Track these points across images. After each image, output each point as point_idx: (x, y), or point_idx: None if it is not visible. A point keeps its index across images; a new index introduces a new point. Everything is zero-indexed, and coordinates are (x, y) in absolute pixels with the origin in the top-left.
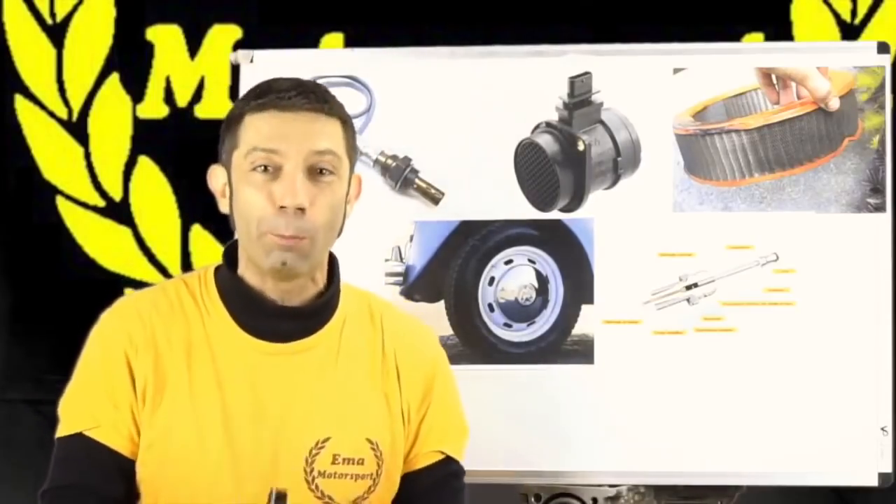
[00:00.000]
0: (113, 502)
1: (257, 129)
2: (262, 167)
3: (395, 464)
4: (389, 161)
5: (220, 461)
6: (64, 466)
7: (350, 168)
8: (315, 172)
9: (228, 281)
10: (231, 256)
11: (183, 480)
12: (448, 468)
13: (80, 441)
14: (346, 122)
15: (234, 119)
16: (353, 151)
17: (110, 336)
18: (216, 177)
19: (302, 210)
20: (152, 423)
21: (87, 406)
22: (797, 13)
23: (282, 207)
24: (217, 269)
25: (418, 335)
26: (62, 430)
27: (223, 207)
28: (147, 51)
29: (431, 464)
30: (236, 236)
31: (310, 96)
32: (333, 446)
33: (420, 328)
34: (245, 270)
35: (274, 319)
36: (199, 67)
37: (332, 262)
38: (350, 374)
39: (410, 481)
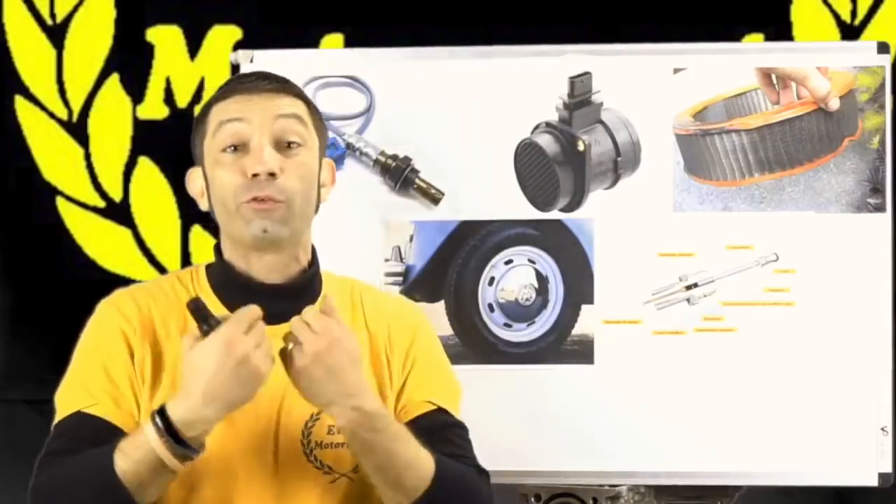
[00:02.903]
0: None
1: (223, 110)
2: (232, 147)
3: None
4: (389, 161)
5: (224, 441)
6: (59, 440)
7: (320, 148)
8: (283, 146)
9: (218, 271)
10: (220, 252)
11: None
12: (443, 418)
13: (77, 418)
14: (309, 103)
15: (202, 115)
16: (320, 130)
17: (107, 319)
18: (193, 180)
19: (273, 175)
20: (152, 402)
21: (84, 386)
22: (797, 13)
23: (254, 176)
24: (208, 266)
25: (397, 305)
26: (58, 417)
27: (203, 206)
28: (147, 51)
29: (424, 413)
30: (218, 218)
31: (270, 79)
32: (328, 417)
33: (399, 299)
34: (231, 255)
35: (262, 299)
36: (199, 68)
37: (312, 250)
38: None
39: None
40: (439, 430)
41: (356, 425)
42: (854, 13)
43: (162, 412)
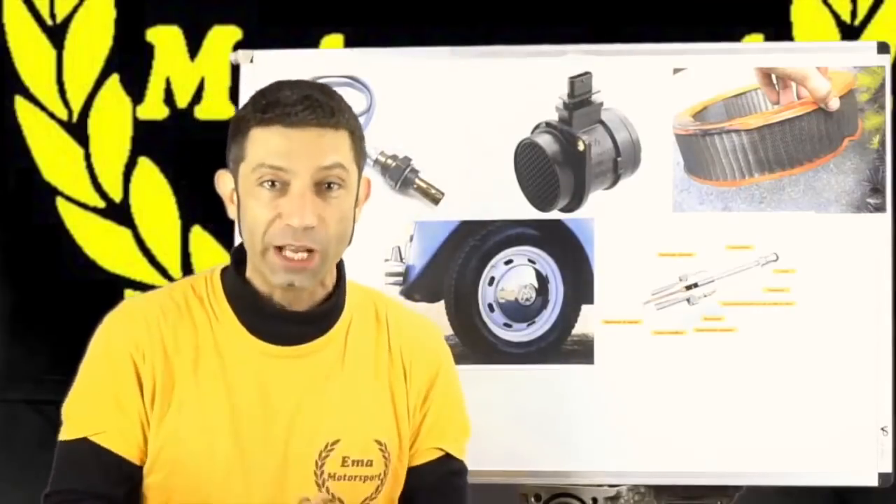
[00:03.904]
0: None
1: (264, 145)
2: (270, 182)
3: (401, 463)
4: (389, 161)
5: (230, 465)
6: (68, 470)
7: (358, 175)
8: (323, 187)
9: (236, 285)
10: (238, 259)
11: (193, 485)
12: (448, 466)
13: (85, 446)
14: (353, 132)
15: (241, 130)
16: (361, 159)
17: (116, 340)
18: (224, 182)
19: (311, 228)
20: (161, 428)
21: (93, 410)
22: (797, 14)
23: (289, 225)
24: (223, 272)
25: (424, 331)
26: (66, 434)
27: (231, 213)
28: (147, 52)
29: (431, 460)
30: (244, 244)
31: (317, 111)
32: (343, 449)
33: (426, 325)
34: (253, 276)
35: (282, 323)
36: (199, 68)
37: (339, 265)
38: (357, 375)
39: (411, 477)
40: (441, 480)
41: None
42: (854, 13)
43: None
